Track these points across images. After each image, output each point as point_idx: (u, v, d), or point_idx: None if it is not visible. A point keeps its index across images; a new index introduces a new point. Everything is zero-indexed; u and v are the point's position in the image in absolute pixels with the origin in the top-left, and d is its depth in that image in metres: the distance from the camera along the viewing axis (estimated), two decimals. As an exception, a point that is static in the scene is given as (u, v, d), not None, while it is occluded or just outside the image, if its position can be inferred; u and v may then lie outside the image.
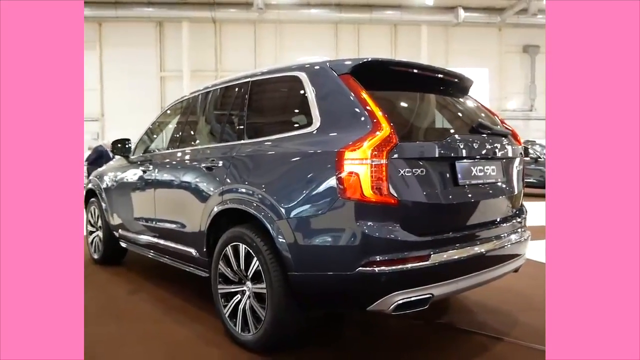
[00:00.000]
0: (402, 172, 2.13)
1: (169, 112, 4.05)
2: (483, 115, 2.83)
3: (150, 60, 18.35)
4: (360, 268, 2.05)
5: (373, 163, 2.06)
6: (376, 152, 2.08)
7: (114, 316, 3.21)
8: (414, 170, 2.16)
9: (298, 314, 2.41)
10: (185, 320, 3.07)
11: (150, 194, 3.64)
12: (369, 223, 2.08)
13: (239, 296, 2.64)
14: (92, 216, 4.90)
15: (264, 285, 2.41)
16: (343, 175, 2.10)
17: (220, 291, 2.75)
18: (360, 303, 2.17)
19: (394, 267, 2.06)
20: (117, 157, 4.58)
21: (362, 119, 2.18)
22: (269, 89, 2.96)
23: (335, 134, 2.27)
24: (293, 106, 2.77)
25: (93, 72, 26.44)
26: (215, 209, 2.79)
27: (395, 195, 2.09)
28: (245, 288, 2.60)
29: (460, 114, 2.89)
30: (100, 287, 3.95)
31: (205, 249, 2.96)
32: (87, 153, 9.75)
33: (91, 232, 4.91)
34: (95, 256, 4.84)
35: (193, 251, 3.12)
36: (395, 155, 2.11)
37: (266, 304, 2.40)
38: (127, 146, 4.15)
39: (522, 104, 19.68)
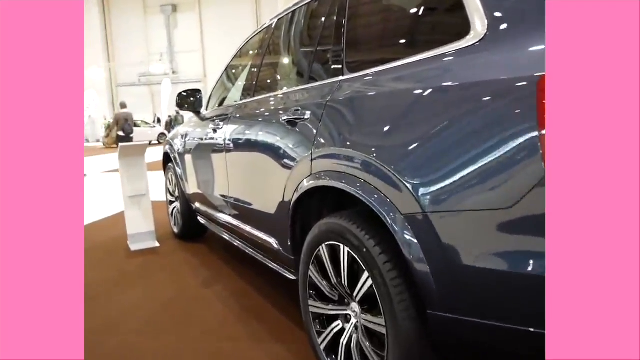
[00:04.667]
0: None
1: (245, 50, 3.10)
2: None
3: (247, 17, 17.79)
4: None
5: None
6: None
7: (176, 320, 2.43)
8: None
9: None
10: (265, 337, 2.20)
11: (222, 161, 2.77)
12: None
13: (340, 323, 1.67)
14: (170, 183, 4.23)
15: (381, 320, 1.41)
16: (554, 126, 0.97)
17: (312, 310, 1.80)
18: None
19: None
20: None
21: None
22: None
23: (524, 47, 1.13)
24: (429, 4, 1.62)
25: (194, 33, 26.94)
26: (303, 184, 1.81)
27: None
28: (350, 312, 1.62)
29: None
30: (172, 271, 3.24)
31: (290, 242, 2.02)
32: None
33: (171, 202, 4.26)
34: (175, 230, 4.20)
35: (274, 242, 2.20)
36: None
37: (386, 350, 1.41)
38: (196, 98, 3.28)
39: None
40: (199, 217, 3.63)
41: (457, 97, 1.23)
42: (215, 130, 2.87)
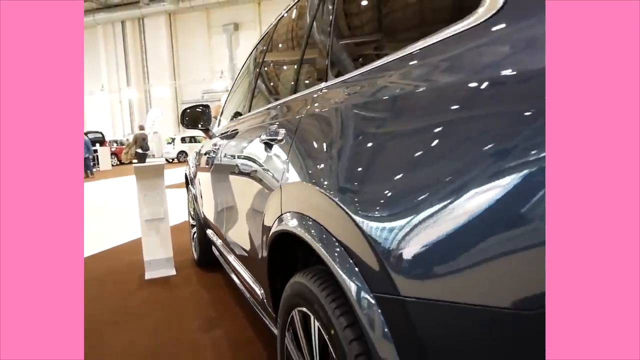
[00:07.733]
0: None
1: (251, 57, 2.70)
2: None
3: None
4: None
5: None
6: None
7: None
8: None
9: None
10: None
11: (217, 187, 2.39)
12: None
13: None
14: (190, 205, 3.93)
15: None
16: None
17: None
18: None
19: None
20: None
21: None
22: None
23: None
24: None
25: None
26: (274, 226, 1.37)
27: None
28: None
29: None
30: (175, 308, 2.88)
31: (270, 295, 1.58)
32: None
33: (192, 226, 3.95)
34: (195, 256, 3.88)
35: (258, 290, 1.77)
36: None
37: None
38: (204, 115, 2.93)
39: None
40: (213, 247, 3.27)
41: (462, 98, 0.74)
42: (214, 152, 2.50)
